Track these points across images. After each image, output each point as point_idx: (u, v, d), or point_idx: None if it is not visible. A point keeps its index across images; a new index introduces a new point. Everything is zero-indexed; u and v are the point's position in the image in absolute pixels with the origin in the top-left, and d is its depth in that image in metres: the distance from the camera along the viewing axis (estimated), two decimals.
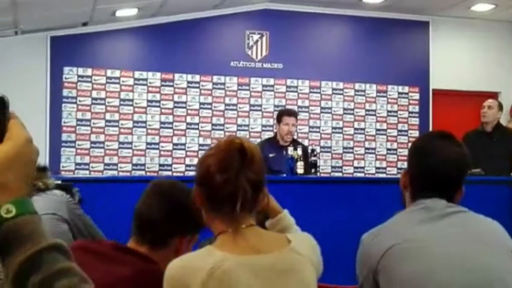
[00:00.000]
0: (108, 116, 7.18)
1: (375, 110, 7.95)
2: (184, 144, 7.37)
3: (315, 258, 1.75)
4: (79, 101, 7.11)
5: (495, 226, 1.96)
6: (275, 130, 6.20)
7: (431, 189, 1.95)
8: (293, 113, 5.98)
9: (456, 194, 1.98)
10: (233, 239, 1.65)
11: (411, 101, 8.07)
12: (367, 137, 7.91)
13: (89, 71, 7.14)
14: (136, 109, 7.26)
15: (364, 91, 7.91)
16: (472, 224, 1.93)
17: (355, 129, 7.88)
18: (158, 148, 7.30)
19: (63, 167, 6.97)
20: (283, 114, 5.91)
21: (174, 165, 7.32)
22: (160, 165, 7.29)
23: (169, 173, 7.20)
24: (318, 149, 7.25)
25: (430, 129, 7.98)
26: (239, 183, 1.63)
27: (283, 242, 1.70)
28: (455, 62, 8.19)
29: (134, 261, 1.80)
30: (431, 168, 1.97)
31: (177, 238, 1.88)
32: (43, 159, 5.64)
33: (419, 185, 1.99)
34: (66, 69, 7.09)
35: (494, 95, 7.85)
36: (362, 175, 7.78)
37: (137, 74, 7.28)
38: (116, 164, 7.17)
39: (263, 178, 1.72)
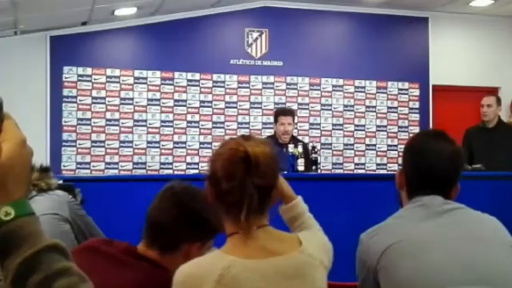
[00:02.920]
0: (108, 115, 7.18)
1: (375, 107, 7.95)
2: (184, 142, 7.37)
3: (326, 259, 1.74)
4: (79, 100, 7.11)
5: (493, 221, 1.97)
6: (274, 129, 6.20)
7: (427, 186, 1.95)
8: (288, 112, 5.93)
9: (452, 191, 1.99)
10: (243, 241, 1.64)
11: (411, 97, 8.07)
12: (368, 134, 7.92)
13: (89, 70, 7.14)
14: (136, 108, 7.27)
15: (364, 87, 7.91)
16: (471, 220, 1.94)
17: (356, 125, 7.88)
18: (158, 147, 7.30)
19: (64, 166, 6.97)
20: (278, 114, 5.88)
21: (175, 164, 7.33)
22: (161, 163, 7.29)
23: (170, 171, 7.20)
24: (318, 146, 7.25)
25: (431, 125, 7.98)
26: (245, 191, 1.60)
27: (295, 244, 1.69)
28: (454, 57, 8.18)
29: (142, 266, 1.80)
30: (426, 166, 1.97)
31: (187, 244, 1.85)
32: (44, 159, 5.65)
33: (415, 184, 2.00)
34: (66, 69, 7.09)
35: (494, 90, 7.85)
36: (363, 171, 7.78)
37: (137, 73, 7.28)
38: (117, 163, 7.18)
39: (273, 180, 1.69)
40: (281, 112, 5.93)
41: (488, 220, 1.96)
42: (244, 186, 1.60)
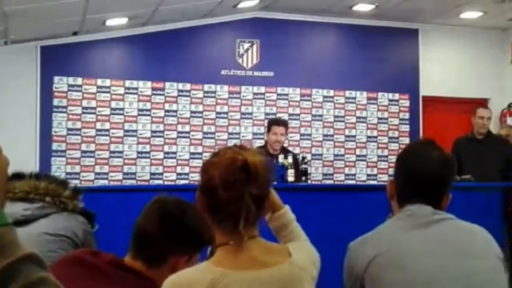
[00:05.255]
0: (98, 125, 7.16)
1: (365, 117, 7.97)
2: (175, 153, 7.36)
3: (315, 271, 1.73)
4: (70, 110, 7.09)
5: (482, 232, 1.96)
6: (265, 139, 6.21)
7: (416, 195, 1.94)
8: (282, 123, 5.98)
9: (443, 200, 1.97)
10: (234, 252, 1.62)
11: (401, 108, 8.10)
12: (358, 144, 7.93)
13: (79, 80, 7.13)
14: (127, 118, 7.25)
15: (354, 98, 7.94)
16: (458, 231, 1.93)
17: (346, 136, 7.90)
18: (149, 157, 7.29)
19: None
20: (272, 123, 5.93)
21: (165, 174, 7.31)
22: (151, 173, 7.27)
23: (160, 181, 7.18)
24: (309, 157, 7.25)
25: (421, 135, 8.01)
26: (243, 201, 1.58)
27: (284, 255, 1.68)
28: (444, 69, 8.23)
29: (128, 278, 1.78)
30: (415, 173, 1.96)
31: (174, 257, 1.84)
32: (33, 169, 5.61)
33: (405, 192, 1.98)
34: (56, 79, 7.07)
35: (483, 102, 7.89)
36: (353, 182, 7.79)
37: (127, 83, 7.27)
38: (107, 173, 7.15)
39: (267, 190, 1.69)
40: (275, 122, 5.96)
41: (476, 231, 1.95)
42: (242, 196, 1.58)
